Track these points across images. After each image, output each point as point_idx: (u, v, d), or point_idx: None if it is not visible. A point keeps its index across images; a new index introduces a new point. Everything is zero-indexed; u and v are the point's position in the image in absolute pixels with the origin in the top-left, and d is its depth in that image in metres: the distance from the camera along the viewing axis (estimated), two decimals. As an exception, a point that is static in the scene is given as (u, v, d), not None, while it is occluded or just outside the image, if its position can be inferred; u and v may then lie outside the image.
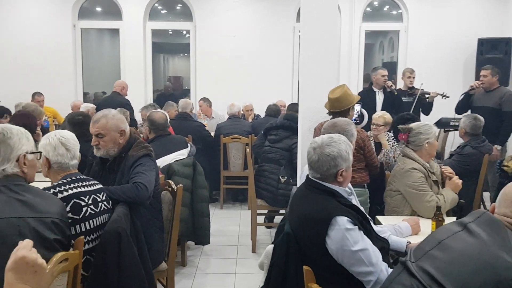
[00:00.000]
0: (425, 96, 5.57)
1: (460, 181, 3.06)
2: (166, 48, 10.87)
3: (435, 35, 7.32)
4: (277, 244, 2.14)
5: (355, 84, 7.44)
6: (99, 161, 2.84)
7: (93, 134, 2.71)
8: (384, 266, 1.96)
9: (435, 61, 7.25)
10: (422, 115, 5.67)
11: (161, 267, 2.87)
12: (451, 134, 6.28)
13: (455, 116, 5.57)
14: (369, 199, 3.40)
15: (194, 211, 3.86)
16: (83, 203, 2.22)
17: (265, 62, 7.49)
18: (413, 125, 3.13)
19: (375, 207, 3.40)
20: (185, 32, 8.24)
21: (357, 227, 1.96)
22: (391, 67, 7.52)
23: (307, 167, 2.25)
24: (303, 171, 3.10)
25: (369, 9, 7.77)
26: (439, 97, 5.62)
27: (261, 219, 4.77)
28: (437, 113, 5.80)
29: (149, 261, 2.50)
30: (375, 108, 5.14)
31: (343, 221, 1.94)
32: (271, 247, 2.21)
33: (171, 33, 9.02)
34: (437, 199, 2.87)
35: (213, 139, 5.79)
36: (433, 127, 3.12)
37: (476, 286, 1.28)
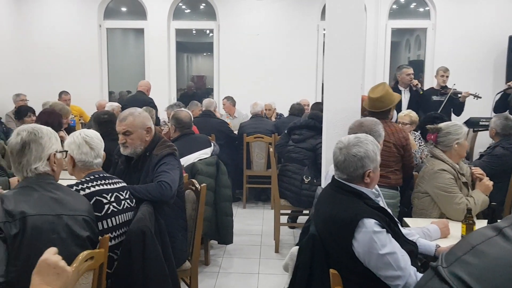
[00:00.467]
0: (457, 96, 5.44)
1: (491, 183, 2.96)
2: (189, 47, 10.93)
3: (464, 33, 7.14)
4: (302, 245, 2.10)
5: (382, 82, 7.32)
6: (124, 159, 2.86)
7: (120, 132, 2.73)
8: (413, 270, 1.90)
9: (464, 59, 7.07)
10: (452, 115, 5.54)
11: (185, 266, 2.87)
12: (480, 134, 6.11)
13: (485, 115, 5.42)
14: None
15: (217, 210, 3.86)
16: (105, 201, 2.24)
17: (288, 60, 7.44)
18: (442, 125, 3.04)
19: (402, 209, 3.32)
20: (208, 31, 8.26)
21: (385, 230, 1.91)
22: (417, 65, 7.37)
23: (332, 168, 2.20)
24: (328, 172, 3.05)
25: (395, 6, 7.63)
26: (471, 97, 5.48)
27: (284, 219, 4.73)
28: (465, 113, 5.65)
29: (173, 260, 2.50)
30: (400, 107, 5.06)
31: (371, 224, 1.89)
32: (296, 249, 2.18)
33: (194, 32, 9.06)
34: (467, 202, 2.79)
35: (235, 137, 5.79)
36: (463, 127, 3.02)
37: None
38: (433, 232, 2.48)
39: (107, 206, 2.24)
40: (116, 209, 2.28)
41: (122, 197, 2.35)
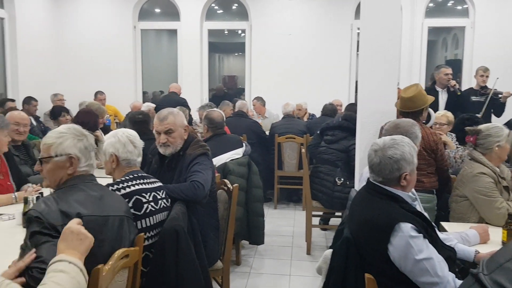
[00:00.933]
0: (498, 96, 5.24)
1: (533, 187, 2.84)
2: (221, 47, 11.02)
3: (504, 31, 6.90)
4: (336, 249, 2.07)
5: (416, 83, 7.14)
6: (158, 159, 2.89)
7: (161, 131, 2.75)
8: (451, 276, 1.84)
9: (504, 58, 6.82)
10: (493, 116, 5.35)
11: (217, 266, 2.89)
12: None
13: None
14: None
15: (249, 210, 3.86)
16: (144, 200, 2.28)
17: (321, 60, 7.38)
18: (482, 127, 2.93)
19: (439, 213, 3.22)
20: (240, 31, 8.29)
21: (421, 235, 1.86)
22: (455, 65, 7.16)
23: (366, 170, 2.16)
24: (362, 174, 3.00)
25: (432, 4, 7.44)
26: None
27: (316, 220, 4.68)
28: (506, 114, 5.44)
29: (205, 259, 2.51)
30: (437, 108, 4.92)
31: (407, 228, 1.84)
32: (329, 252, 2.15)
33: (226, 32, 9.11)
34: (508, 206, 2.68)
35: (267, 137, 5.79)
36: (504, 129, 2.90)
37: None
38: (472, 237, 2.40)
39: (146, 205, 2.28)
40: (153, 209, 2.32)
41: (159, 197, 2.38)
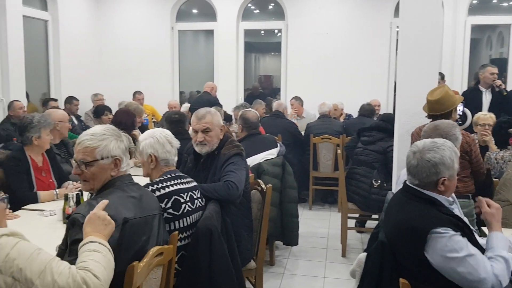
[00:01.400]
0: None
1: None
2: (257, 47, 11.03)
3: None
4: (371, 252, 2.04)
5: (458, 82, 6.93)
6: (193, 158, 2.92)
7: (199, 130, 2.78)
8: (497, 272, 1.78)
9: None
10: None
11: (250, 265, 2.89)
12: None
13: None
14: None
15: (282, 211, 3.84)
16: (182, 200, 2.31)
17: (359, 59, 7.25)
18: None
19: (479, 218, 3.09)
20: (276, 31, 8.27)
21: (459, 233, 1.82)
22: (500, 64, 6.86)
23: (404, 172, 2.10)
24: (399, 176, 2.92)
25: (475, 1, 7.17)
26: None
27: (352, 223, 4.61)
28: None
29: (238, 258, 2.52)
30: (480, 109, 4.75)
31: (444, 230, 1.80)
32: (363, 255, 2.11)
33: (263, 32, 9.11)
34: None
35: (302, 138, 5.74)
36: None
37: None
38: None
39: (183, 205, 2.31)
40: (190, 209, 2.35)
41: (195, 196, 2.41)
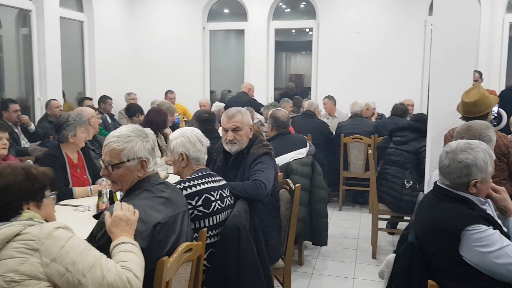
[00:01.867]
0: None
1: None
2: (288, 46, 10.99)
3: None
4: (400, 253, 2.02)
5: (496, 82, 6.69)
6: (223, 157, 2.95)
7: (229, 129, 2.81)
8: None
9: None
10: None
11: (278, 264, 2.90)
12: None
13: None
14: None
15: (312, 211, 3.83)
16: (212, 198, 2.34)
17: (391, 58, 7.12)
18: None
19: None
20: (308, 29, 8.22)
21: (491, 227, 1.79)
22: (540, 62, 6.62)
23: (436, 173, 2.07)
24: (431, 177, 2.86)
25: (514, -3, 6.92)
26: None
27: (383, 224, 4.55)
28: None
29: (266, 257, 2.53)
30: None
31: (476, 227, 1.78)
32: (392, 256, 2.10)
33: (293, 31, 9.08)
34: None
35: (333, 138, 5.70)
36: None
37: None
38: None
39: (214, 203, 2.34)
40: (220, 207, 2.38)
41: (225, 195, 2.44)
